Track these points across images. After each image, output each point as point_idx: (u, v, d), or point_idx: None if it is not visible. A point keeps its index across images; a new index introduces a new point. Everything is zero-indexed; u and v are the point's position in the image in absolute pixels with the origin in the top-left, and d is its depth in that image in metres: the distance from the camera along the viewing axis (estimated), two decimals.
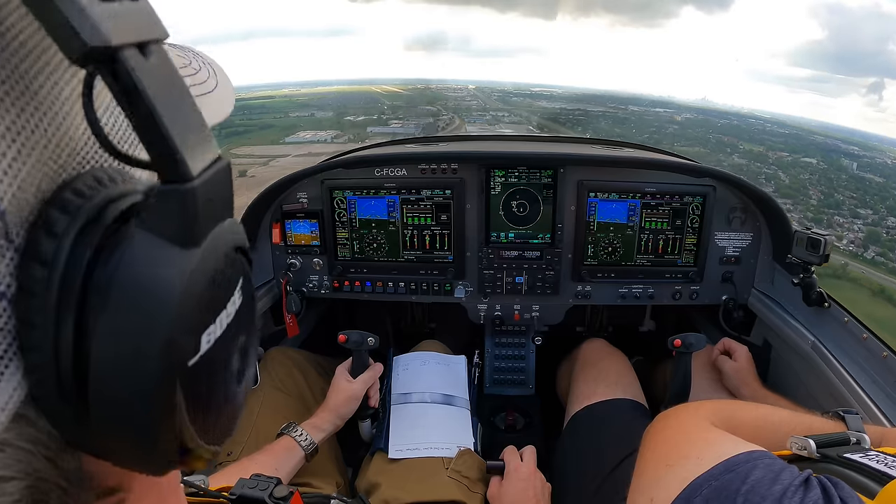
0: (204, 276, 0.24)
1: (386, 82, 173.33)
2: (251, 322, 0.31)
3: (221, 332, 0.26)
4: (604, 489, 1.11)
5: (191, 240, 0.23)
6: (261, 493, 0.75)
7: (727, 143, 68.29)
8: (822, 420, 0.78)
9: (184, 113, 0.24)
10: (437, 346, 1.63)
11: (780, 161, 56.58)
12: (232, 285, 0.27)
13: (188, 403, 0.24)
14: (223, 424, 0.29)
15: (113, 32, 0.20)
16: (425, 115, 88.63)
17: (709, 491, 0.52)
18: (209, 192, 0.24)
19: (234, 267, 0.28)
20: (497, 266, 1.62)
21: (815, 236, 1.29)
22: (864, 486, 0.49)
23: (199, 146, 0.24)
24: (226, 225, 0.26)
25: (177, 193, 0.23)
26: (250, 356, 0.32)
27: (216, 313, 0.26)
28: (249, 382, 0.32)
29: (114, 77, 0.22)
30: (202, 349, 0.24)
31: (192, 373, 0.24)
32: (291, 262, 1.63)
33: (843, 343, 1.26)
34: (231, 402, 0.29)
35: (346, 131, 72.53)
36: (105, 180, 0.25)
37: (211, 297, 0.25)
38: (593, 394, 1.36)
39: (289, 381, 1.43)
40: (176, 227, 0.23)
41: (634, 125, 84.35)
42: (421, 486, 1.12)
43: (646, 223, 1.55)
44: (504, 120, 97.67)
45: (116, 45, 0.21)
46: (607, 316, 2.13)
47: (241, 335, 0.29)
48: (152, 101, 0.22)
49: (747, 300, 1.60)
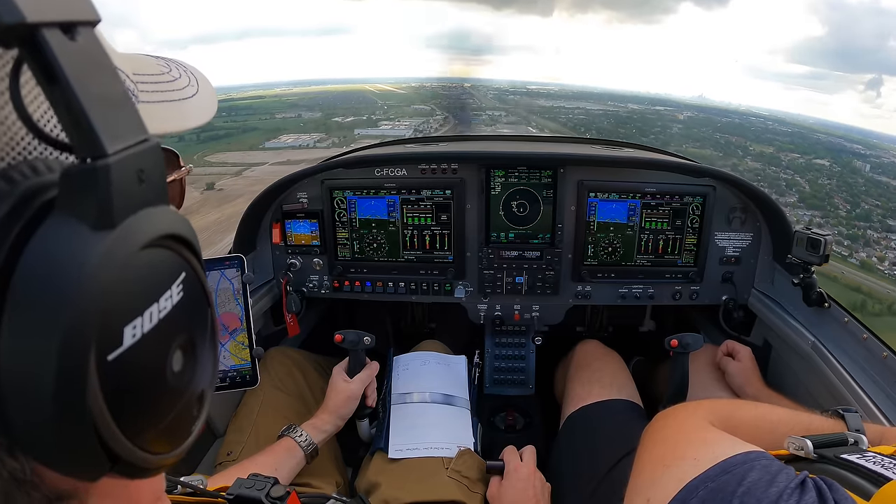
0: (116, 261, 0.22)
1: (380, 81, 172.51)
2: (201, 322, 0.29)
3: (152, 326, 0.24)
4: (600, 490, 1.11)
5: (103, 221, 0.22)
6: (257, 492, 0.74)
7: (736, 145, 67.21)
8: (822, 419, 0.77)
9: (105, 95, 0.23)
10: (438, 346, 1.64)
11: (793, 163, 55.21)
12: (164, 277, 0.26)
13: (110, 400, 0.22)
14: (166, 429, 0.27)
15: (31, 10, 0.20)
16: (418, 114, 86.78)
17: (705, 492, 0.52)
18: (128, 172, 0.23)
19: (165, 257, 0.26)
20: (497, 266, 1.62)
21: (815, 236, 1.29)
22: (860, 487, 0.49)
23: (119, 126, 0.23)
24: (155, 210, 0.25)
25: (89, 170, 0.22)
26: (202, 358, 0.29)
27: (143, 305, 0.24)
28: (204, 385, 0.30)
29: (33, 56, 0.21)
30: (125, 343, 0.23)
31: (114, 368, 0.22)
32: (291, 262, 1.63)
33: (843, 343, 1.26)
34: (173, 405, 0.27)
35: (332, 134, 69.72)
36: (42, 170, 0.24)
37: (131, 286, 0.23)
38: (588, 395, 1.36)
39: (289, 381, 1.43)
40: (87, 206, 0.22)
41: (637, 124, 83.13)
42: (421, 486, 1.12)
43: (646, 223, 1.55)
44: (502, 120, 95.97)
45: (34, 22, 0.20)
46: (607, 316, 2.13)
47: (182, 333, 0.27)
48: (69, 80, 0.21)
49: (747, 300, 1.60)
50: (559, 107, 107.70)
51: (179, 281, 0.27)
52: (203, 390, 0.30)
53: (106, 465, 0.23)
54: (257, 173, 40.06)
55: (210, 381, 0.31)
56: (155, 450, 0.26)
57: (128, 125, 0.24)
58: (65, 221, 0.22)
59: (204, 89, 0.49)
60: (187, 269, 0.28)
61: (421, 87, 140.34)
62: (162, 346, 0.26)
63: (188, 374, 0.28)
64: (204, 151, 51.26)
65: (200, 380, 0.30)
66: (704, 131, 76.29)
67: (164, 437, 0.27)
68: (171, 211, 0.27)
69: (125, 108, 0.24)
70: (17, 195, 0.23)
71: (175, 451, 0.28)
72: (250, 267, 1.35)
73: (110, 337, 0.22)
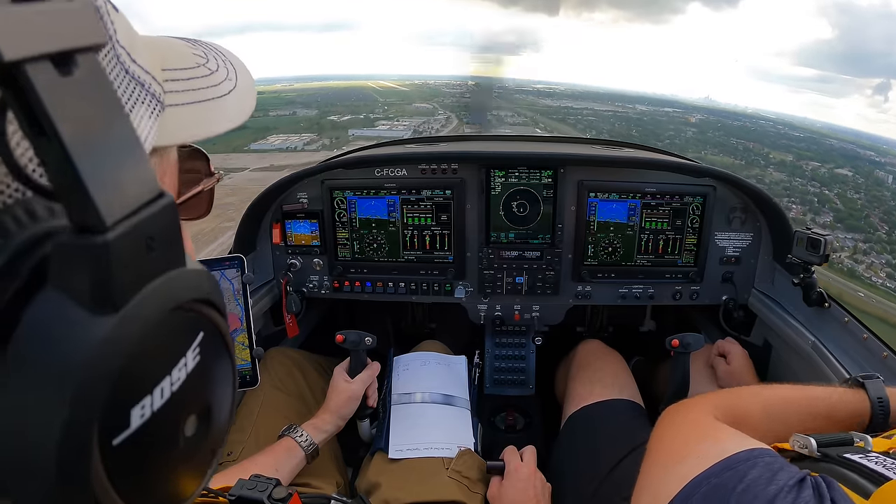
0: (123, 346, 0.20)
1: (383, 78, 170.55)
2: (222, 380, 0.27)
3: (163, 402, 0.22)
4: (602, 490, 1.11)
5: (103, 304, 0.19)
6: (259, 494, 0.74)
7: (755, 152, 65.67)
8: (842, 391, 0.76)
9: (105, 147, 0.19)
10: (438, 347, 1.64)
11: (816, 174, 52.95)
12: (179, 346, 0.23)
13: (116, 482, 0.20)
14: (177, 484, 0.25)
15: (12, 44, 0.16)
16: (419, 113, 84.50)
17: (707, 488, 0.53)
18: (134, 243, 0.20)
19: (180, 328, 0.23)
20: (497, 266, 1.62)
21: (816, 236, 1.29)
22: (861, 486, 0.50)
23: (124, 188, 0.20)
24: (169, 278, 0.22)
25: (85, 247, 0.19)
26: (218, 413, 0.27)
27: (152, 384, 0.22)
28: (221, 435, 0.28)
29: (18, 101, 0.17)
30: (133, 425, 0.21)
31: (121, 451, 0.20)
32: (291, 262, 1.63)
33: (844, 343, 1.26)
34: (186, 465, 0.25)
35: (324, 134, 67.08)
36: (41, 214, 0.21)
37: (140, 367, 0.21)
38: (589, 395, 1.36)
39: (289, 381, 1.43)
40: (85, 287, 0.19)
41: (650, 127, 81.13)
42: (421, 487, 1.12)
43: (646, 223, 1.55)
44: (507, 121, 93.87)
45: (13, 59, 0.16)
46: (607, 316, 2.13)
47: (198, 400, 0.25)
48: (59, 132, 0.18)
49: (747, 300, 1.60)
50: (567, 107, 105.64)
51: (196, 344, 0.24)
52: (220, 442, 0.28)
53: None
54: (235, 180, 34.41)
55: (227, 426, 0.28)
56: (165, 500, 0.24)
57: (135, 183, 0.20)
58: (60, 300, 0.19)
59: (243, 82, 0.43)
60: (206, 327, 0.25)
61: (423, 85, 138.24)
62: (175, 417, 0.23)
63: (203, 434, 0.26)
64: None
65: (218, 433, 0.27)
66: (718, 135, 74.67)
67: (177, 490, 0.25)
68: (189, 272, 0.23)
69: (131, 160, 0.21)
70: (11, 250, 0.20)
71: (190, 496, 0.26)
72: (250, 267, 1.35)
73: (116, 420, 0.20)
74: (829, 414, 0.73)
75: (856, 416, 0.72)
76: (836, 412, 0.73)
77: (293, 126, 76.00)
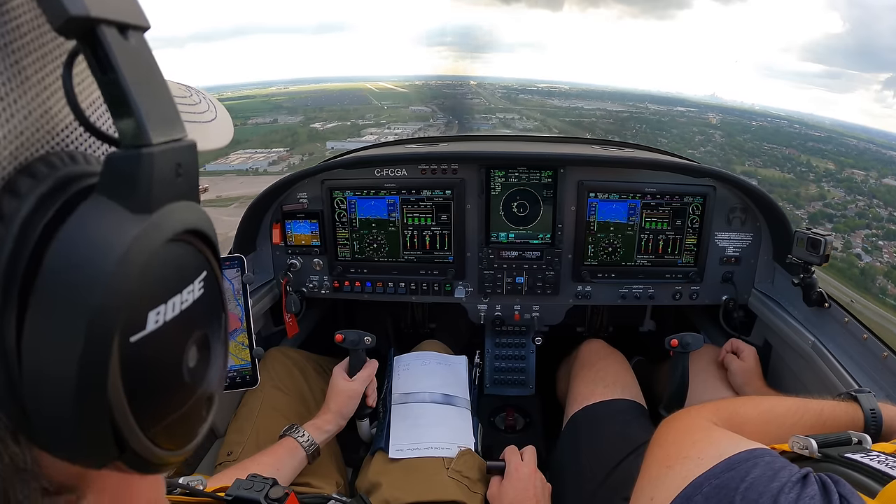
0: (151, 245, 0.23)
1: (380, 79, 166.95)
2: (216, 322, 0.30)
3: (174, 316, 0.25)
4: (603, 490, 1.11)
5: (142, 206, 0.23)
6: (256, 494, 0.74)
7: (795, 160, 60.14)
8: (834, 403, 0.77)
9: (153, 91, 0.25)
10: (438, 347, 1.64)
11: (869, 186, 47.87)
12: (189, 270, 0.27)
13: (127, 384, 0.23)
14: (175, 425, 0.27)
15: (93, 6, 0.22)
16: (415, 118, 79.89)
17: (709, 489, 0.53)
18: (168, 163, 0.24)
19: (192, 252, 0.27)
20: (497, 266, 1.62)
21: (816, 236, 1.29)
22: (865, 486, 0.50)
23: (164, 122, 0.25)
24: (187, 204, 0.26)
25: (134, 157, 0.23)
26: (213, 358, 0.30)
27: (168, 293, 0.25)
28: (213, 387, 0.30)
29: (92, 50, 0.23)
30: (148, 327, 0.23)
31: (135, 351, 0.23)
32: (291, 262, 1.63)
33: (844, 343, 1.26)
34: (184, 400, 0.27)
35: (298, 148, 60.51)
36: (80, 160, 0.25)
37: (160, 272, 0.24)
38: (591, 394, 1.36)
39: (289, 381, 1.43)
40: (127, 189, 0.23)
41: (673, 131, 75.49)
42: (421, 486, 1.12)
43: (646, 223, 1.55)
44: (515, 124, 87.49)
45: (95, 17, 0.22)
46: (607, 316, 2.13)
47: (199, 329, 0.28)
48: (123, 75, 0.23)
49: (747, 300, 1.60)
50: (577, 107, 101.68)
51: (202, 278, 0.28)
52: (212, 393, 0.30)
53: (114, 453, 0.23)
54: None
55: (219, 384, 0.31)
56: (162, 444, 0.26)
57: (171, 122, 0.25)
58: (104, 203, 0.23)
59: (221, 116, 0.51)
60: (209, 269, 0.29)
61: (424, 86, 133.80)
62: (180, 337, 0.26)
63: (201, 372, 0.29)
64: None
65: (211, 380, 0.30)
66: (745, 140, 70.16)
67: (173, 433, 0.27)
68: (200, 208, 0.28)
69: (169, 106, 0.26)
70: (57, 177, 0.24)
71: (180, 450, 0.28)
72: (250, 267, 1.35)
73: (135, 319, 0.23)
74: (824, 423, 0.75)
75: (849, 427, 0.73)
76: (830, 422, 0.75)
77: (268, 137, 70.10)
